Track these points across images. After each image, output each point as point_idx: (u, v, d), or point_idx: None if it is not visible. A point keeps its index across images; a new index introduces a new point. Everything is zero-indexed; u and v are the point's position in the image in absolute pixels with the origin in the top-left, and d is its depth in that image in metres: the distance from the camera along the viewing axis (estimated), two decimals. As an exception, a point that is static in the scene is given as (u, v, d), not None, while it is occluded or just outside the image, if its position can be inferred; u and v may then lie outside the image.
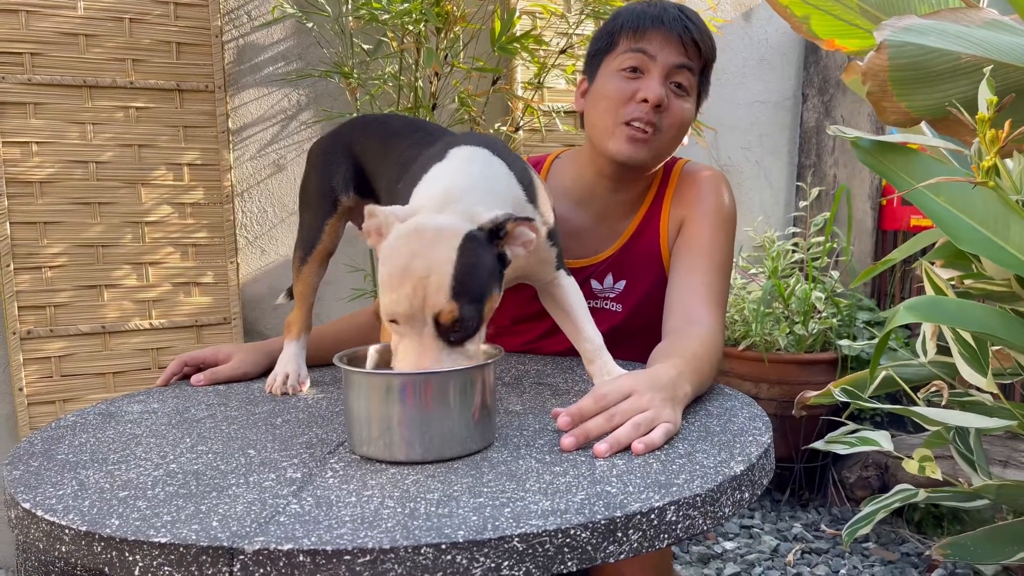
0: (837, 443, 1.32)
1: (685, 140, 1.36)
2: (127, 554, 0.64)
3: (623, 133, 1.27)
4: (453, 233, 0.82)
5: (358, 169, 1.19)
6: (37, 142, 2.13)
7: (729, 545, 2.31)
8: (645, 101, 1.25)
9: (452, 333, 0.82)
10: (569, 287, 1.10)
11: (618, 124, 1.28)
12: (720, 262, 1.31)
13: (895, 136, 1.26)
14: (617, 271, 1.38)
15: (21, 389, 2.15)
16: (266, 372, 1.24)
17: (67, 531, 0.68)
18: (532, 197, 1.01)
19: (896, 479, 2.34)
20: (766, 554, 2.26)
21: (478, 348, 0.87)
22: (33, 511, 0.71)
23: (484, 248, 0.84)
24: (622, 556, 0.67)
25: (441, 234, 0.82)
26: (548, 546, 0.64)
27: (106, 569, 0.66)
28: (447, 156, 0.95)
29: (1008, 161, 1.27)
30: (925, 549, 2.24)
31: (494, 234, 0.85)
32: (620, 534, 0.67)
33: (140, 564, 0.64)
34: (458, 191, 0.88)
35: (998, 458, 2.09)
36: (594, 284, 1.38)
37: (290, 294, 1.35)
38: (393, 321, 0.83)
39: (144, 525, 0.66)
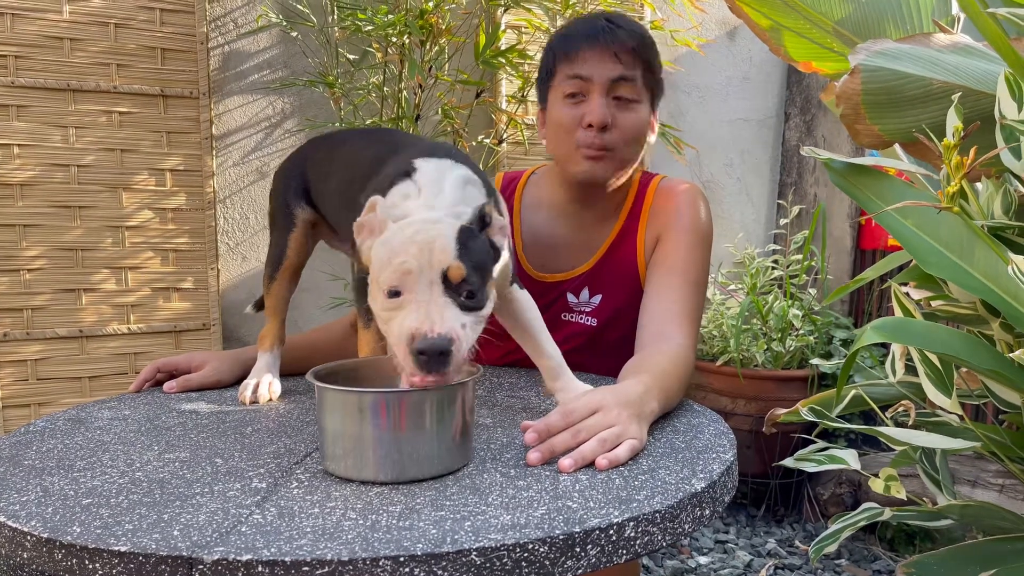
0: (806, 461, 1.33)
1: (652, 138, 1.37)
2: (87, 562, 0.65)
3: (580, 155, 1.30)
4: (447, 222, 0.84)
5: (306, 183, 1.20)
6: (19, 144, 2.13)
7: (703, 560, 2.32)
8: (591, 126, 1.27)
9: (462, 294, 0.81)
10: (525, 302, 1.10)
11: (573, 149, 1.30)
12: (695, 279, 1.32)
13: (866, 159, 1.28)
14: (593, 285, 1.39)
15: (-5, 392, 2.14)
16: (240, 379, 1.24)
17: (29, 537, 0.68)
18: (496, 205, 1.02)
19: (868, 496, 2.36)
20: (740, 569, 2.27)
21: (481, 323, 0.85)
22: (-5, 517, 0.71)
23: (478, 237, 0.86)
24: (580, 571, 0.68)
25: (440, 220, 0.84)
26: (506, 560, 0.65)
27: (66, 576, 0.66)
28: (415, 168, 0.95)
29: (978, 185, 1.29)
30: (896, 566, 2.26)
31: (482, 223, 0.87)
32: (578, 549, 0.68)
33: (100, 572, 0.64)
34: (441, 201, 0.89)
35: (966, 478, 2.11)
36: (570, 298, 1.39)
37: (257, 306, 1.36)
38: (395, 294, 0.81)
39: (105, 533, 0.67)
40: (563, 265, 1.40)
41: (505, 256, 1.03)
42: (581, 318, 1.39)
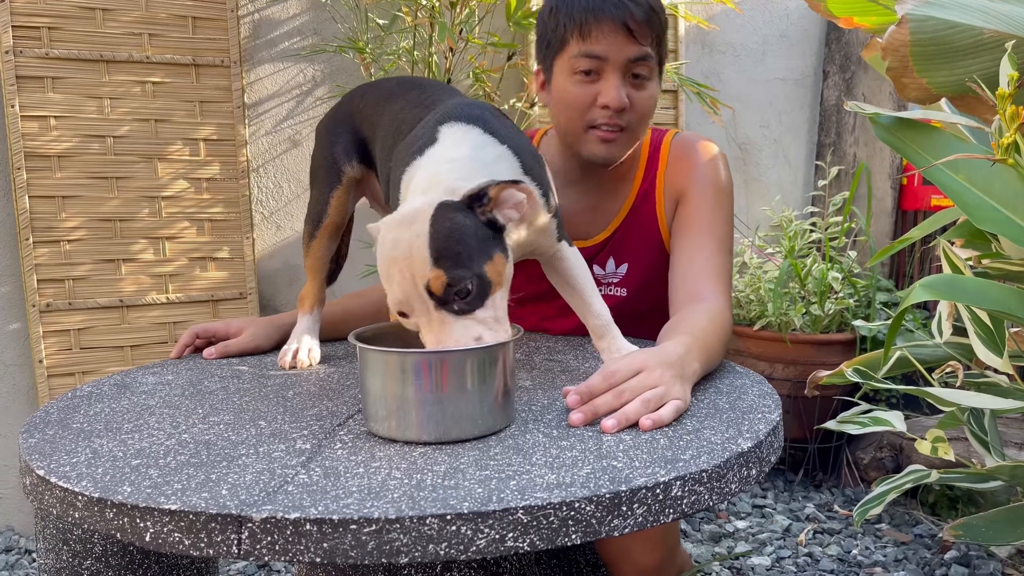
0: (849, 423, 1.32)
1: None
2: (138, 520, 0.65)
3: (592, 136, 1.25)
4: (426, 207, 0.84)
5: (359, 138, 1.18)
6: (55, 116, 2.14)
7: (741, 524, 2.32)
8: (606, 107, 1.21)
9: (453, 302, 0.82)
10: (573, 259, 1.09)
11: (585, 129, 1.25)
12: (721, 237, 1.28)
13: (915, 112, 1.24)
14: (618, 255, 1.37)
15: (41, 361, 2.18)
16: (278, 345, 1.25)
17: (80, 497, 0.69)
18: (528, 167, 0.99)
19: (910, 460, 2.33)
20: (778, 533, 2.26)
21: (496, 315, 0.85)
22: (47, 478, 0.73)
23: (461, 213, 0.84)
24: (627, 530, 0.67)
25: (416, 214, 0.83)
26: (552, 519, 0.64)
27: (118, 535, 0.67)
28: (437, 138, 0.95)
29: (1030, 139, 1.24)
30: (938, 531, 2.24)
31: (475, 200, 0.85)
32: (625, 508, 0.67)
33: (151, 531, 0.65)
34: (442, 173, 0.89)
35: (1014, 440, 2.07)
36: (596, 270, 1.37)
37: None
38: (402, 315, 0.85)
39: (155, 492, 0.67)
40: (579, 233, 1.36)
41: (543, 220, 1.01)
42: (611, 289, 1.37)
